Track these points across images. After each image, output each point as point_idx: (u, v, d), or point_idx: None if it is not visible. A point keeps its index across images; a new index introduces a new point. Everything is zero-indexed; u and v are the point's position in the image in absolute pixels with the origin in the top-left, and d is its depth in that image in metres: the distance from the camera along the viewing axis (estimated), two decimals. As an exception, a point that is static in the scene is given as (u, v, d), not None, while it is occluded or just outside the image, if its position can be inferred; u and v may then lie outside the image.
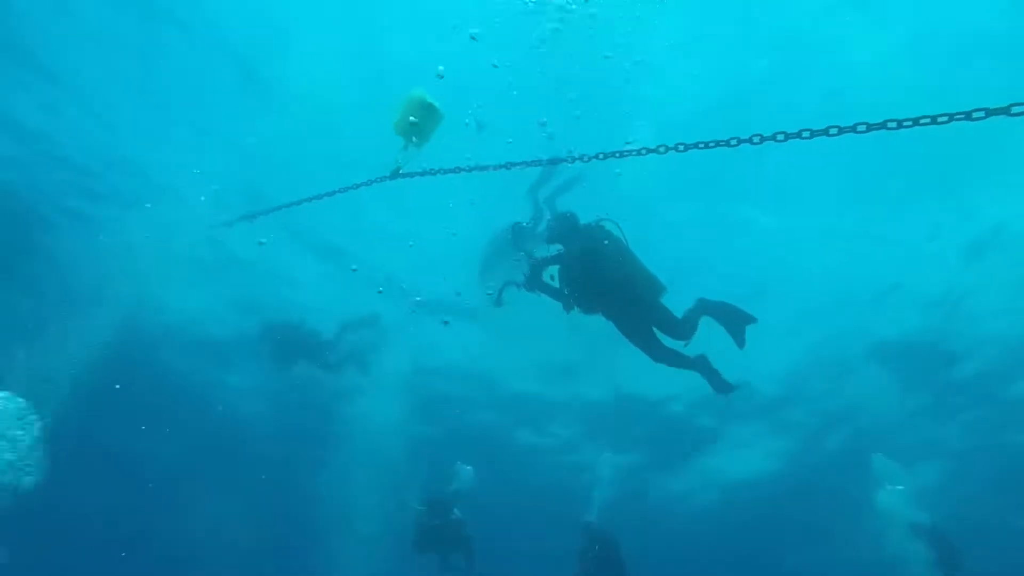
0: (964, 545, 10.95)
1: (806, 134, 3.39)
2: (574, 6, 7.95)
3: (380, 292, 10.91)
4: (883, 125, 3.34)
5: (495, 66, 7.87)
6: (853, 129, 3.36)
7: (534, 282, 5.94)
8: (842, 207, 12.13)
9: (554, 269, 5.93)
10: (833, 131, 3.39)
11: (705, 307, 5.95)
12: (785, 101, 10.15)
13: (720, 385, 5.92)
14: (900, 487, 14.73)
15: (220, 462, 20.31)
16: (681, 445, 18.37)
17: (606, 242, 5.75)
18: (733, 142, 3.29)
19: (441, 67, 4.88)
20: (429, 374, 16.72)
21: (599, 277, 5.63)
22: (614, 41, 9.13)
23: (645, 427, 18.01)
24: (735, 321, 5.84)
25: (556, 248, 5.95)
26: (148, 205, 12.05)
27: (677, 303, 5.96)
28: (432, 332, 14.64)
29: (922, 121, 3.27)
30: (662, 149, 3.24)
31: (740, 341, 5.83)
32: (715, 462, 18.99)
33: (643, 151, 3.20)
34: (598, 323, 6.03)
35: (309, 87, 10.77)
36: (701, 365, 5.90)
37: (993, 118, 3.14)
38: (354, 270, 10.82)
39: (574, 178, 10.30)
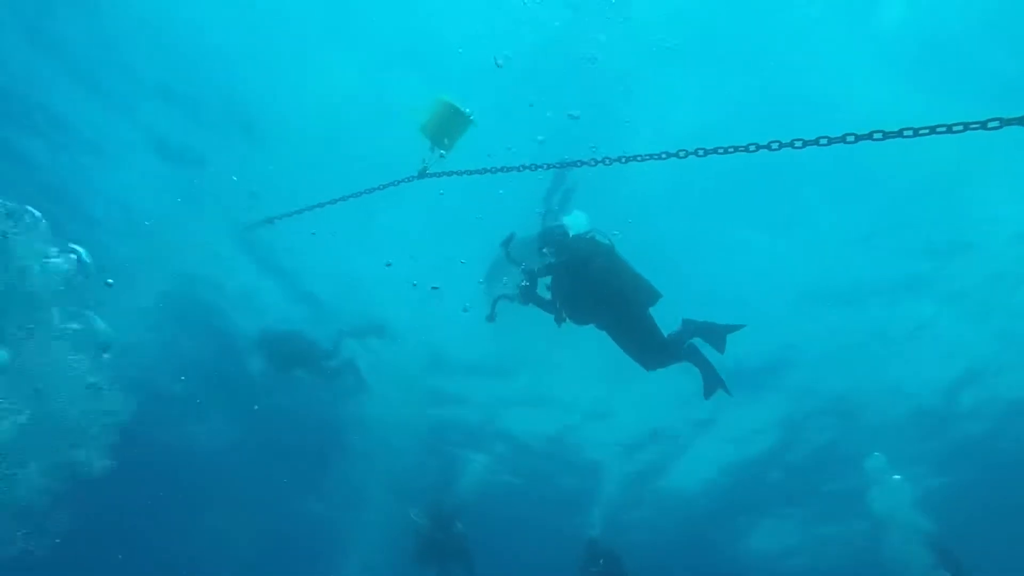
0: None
1: (823, 141, 3.44)
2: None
3: (414, 286, 10.95)
4: (899, 133, 3.38)
5: (531, 105, 7.99)
6: (870, 137, 3.40)
7: (529, 295, 5.91)
8: (831, 225, 12.25)
9: (547, 281, 5.93)
10: (850, 138, 3.43)
11: (691, 329, 5.95)
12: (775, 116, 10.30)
13: (711, 381, 5.91)
14: (897, 476, 14.84)
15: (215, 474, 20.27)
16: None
17: (597, 253, 5.75)
18: (752, 148, 3.33)
19: (469, 109, 4.97)
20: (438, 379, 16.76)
21: (590, 289, 5.61)
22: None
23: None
24: (718, 333, 5.88)
25: (548, 260, 5.93)
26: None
27: (667, 313, 5.97)
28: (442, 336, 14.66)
29: (938, 130, 3.32)
30: (682, 153, 3.28)
31: (720, 347, 5.86)
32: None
33: (663, 155, 3.24)
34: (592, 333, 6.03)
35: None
36: (693, 356, 5.92)
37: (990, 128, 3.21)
38: (388, 265, 10.88)
39: (571, 187, 10.40)
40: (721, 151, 3.29)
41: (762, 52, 10.04)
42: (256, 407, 17.43)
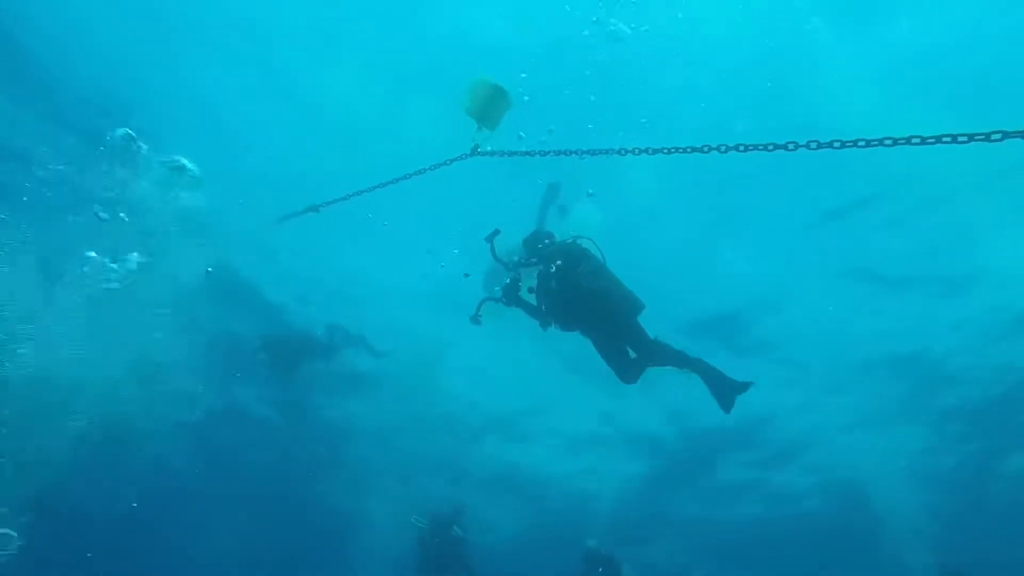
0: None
1: (862, 143, 3.48)
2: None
3: (442, 267, 10.84)
4: (938, 139, 3.42)
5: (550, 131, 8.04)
6: (908, 141, 3.43)
7: (512, 297, 5.88)
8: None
9: (531, 284, 5.88)
10: (888, 142, 3.47)
11: (695, 364, 5.70)
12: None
13: (721, 389, 5.66)
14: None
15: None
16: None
17: (585, 258, 5.71)
18: (791, 146, 3.37)
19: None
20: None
21: (575, 293, 5.55)
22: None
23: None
24: (724, 390, 5.56)
25: (533, 263, 5.87)
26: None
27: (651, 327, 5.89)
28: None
29: (976, 137, 3.35)
30: (723, 148, 3.33)
31: (726, 407, 5.55)
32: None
33: (705, 148, 3.29)
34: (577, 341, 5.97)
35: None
36: (677, 362, 5.72)
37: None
38: (429, 252, 10.84)
39: (564, 203, 10.41)
40: (762, 148, 3.33)
41: (773, 72, 10.12)
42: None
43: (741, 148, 3.35)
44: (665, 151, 3.32)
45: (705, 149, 3.25)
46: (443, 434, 18.55)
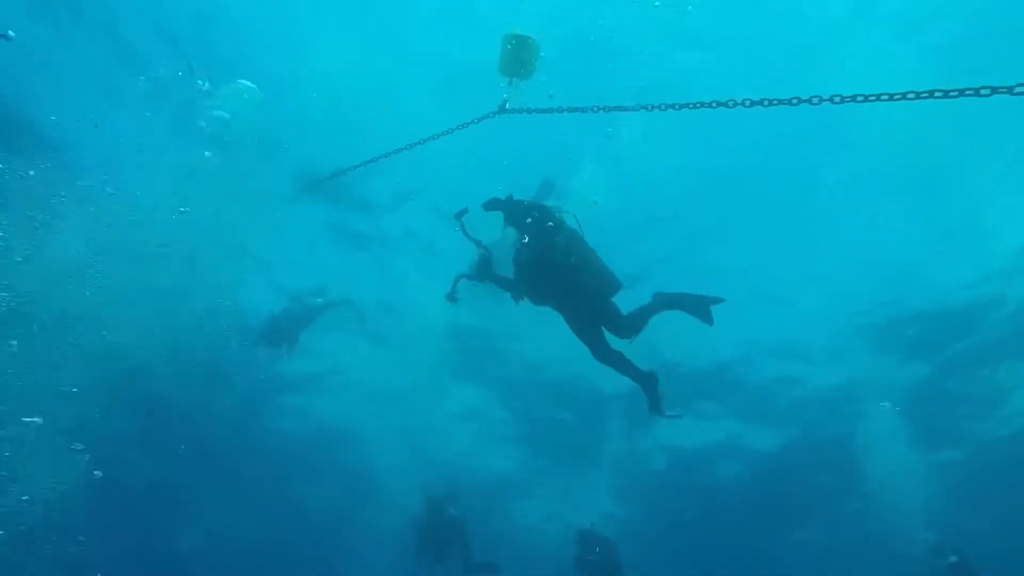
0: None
1: (885, 97, 3.44)
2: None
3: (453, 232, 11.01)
4: (961, 92, 3.38)
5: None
6: (931, 94, 3.40)
7: (485, 272, 5.80)
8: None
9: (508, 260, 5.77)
10: (911, 96, 3.42)
11: (662, 302, 5.68)
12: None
13: (656, 408, 5.66)
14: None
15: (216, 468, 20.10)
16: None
17: (561, 230, 5.57)
18: (815, 100, 3.36)
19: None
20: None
21: (547, 266, 5.44)
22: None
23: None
24: (699, 305, 5.60)
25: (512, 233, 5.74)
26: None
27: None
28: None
29: (999, 90, 3.32)
30: (731, 103, 3.30)
31: (708, 319, 5.59)
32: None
33: (715, 104, 3.28)
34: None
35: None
36: (647, 382, 5.60)
37: None
38: (455, 242, 10.93)
39: (561, 192, 10.35)
40: (786, 102, 3.34)
41: (779, 44, 10.01)
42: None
43: (765, 103, 3.32)
44: (691, 106, 3.29)
45: (731, 104, 3.22)
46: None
